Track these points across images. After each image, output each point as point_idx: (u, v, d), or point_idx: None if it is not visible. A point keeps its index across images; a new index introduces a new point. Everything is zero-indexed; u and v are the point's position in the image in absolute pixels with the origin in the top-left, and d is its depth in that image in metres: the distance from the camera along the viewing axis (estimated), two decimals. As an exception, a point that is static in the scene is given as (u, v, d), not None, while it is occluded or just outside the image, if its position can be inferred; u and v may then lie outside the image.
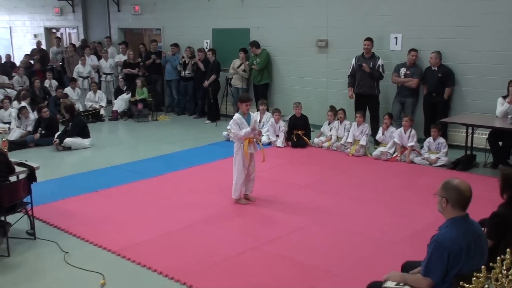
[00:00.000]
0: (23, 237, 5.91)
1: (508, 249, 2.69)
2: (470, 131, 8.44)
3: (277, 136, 10.14)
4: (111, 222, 6.37)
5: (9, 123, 11.81)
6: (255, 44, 11.89)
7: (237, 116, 6.87)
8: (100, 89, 14.05)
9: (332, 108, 10.14)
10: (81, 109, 12.90)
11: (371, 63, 9.77)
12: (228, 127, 6.91)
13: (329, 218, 6.39)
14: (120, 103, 13.37)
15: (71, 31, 18.06)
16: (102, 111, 13.26)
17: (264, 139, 10.16)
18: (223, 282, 4.87)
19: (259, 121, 10.60)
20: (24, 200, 5.86)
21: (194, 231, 6.07)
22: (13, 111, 11.87)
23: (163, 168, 8.67)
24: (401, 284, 3.54)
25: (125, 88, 13.70)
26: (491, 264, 2.62)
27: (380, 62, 9.75)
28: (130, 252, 5.47)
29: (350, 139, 9.49)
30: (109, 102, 14.06)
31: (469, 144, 8.46)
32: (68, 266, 5.24)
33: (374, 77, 9.78)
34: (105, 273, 4.99)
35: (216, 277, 4.95)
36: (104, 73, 14.68)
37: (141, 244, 5.70)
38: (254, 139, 6.88)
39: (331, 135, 9.94)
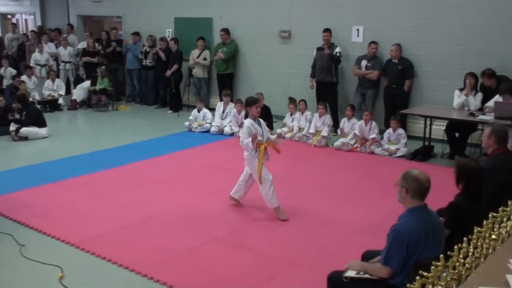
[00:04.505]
0: (-23, 229, 5.74)
1: (465, 238, 2.75)
2: (428, 122, 8.62)
3: (240, 126, 10.11)
4: (70, 214, 6.23)
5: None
6: (228, 32, 11.76)
7: (248, 121, 6.05)
8: (58, 77, 13.69)
9: (292, 100, 10.18)
10: (37, 98, 12.55)
11: (329, 51, 9.99)
12: (241, 134, 6.15)
13: (290, 208, 6.42)
14: (79, 92, 13.07)
15: (28, 17, 17.51)
16: (60, 100, 12.93)
17: (227, 129, 10.16)
18: (184, 273, 4.83)
19: (223, 112, 10.58)
20: (-22, 191, 5.69)
21: (155, 222, 6.01)
22: None
23: (124, 158, 8.54)
24: (361, 273, 3.60)
25: (84, 76, 13.41)
26: (448, 252, 2.68)
27: (337, 49, 9.99)
28: (90, 244, 5.37)
29: (312, 130, 9.56)
30: (68, 91, 13.71)
31: (427, 135, 8.65)
32: (24, 259, 5.10)
33: (333, 59, 9.92)
34: (64, 266, 4.88)
35: (177, 269, 4.91)
36: (63, 61, 14.29)
37: (101, 236, 5.60)
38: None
39: (293, 126, 9.99)
